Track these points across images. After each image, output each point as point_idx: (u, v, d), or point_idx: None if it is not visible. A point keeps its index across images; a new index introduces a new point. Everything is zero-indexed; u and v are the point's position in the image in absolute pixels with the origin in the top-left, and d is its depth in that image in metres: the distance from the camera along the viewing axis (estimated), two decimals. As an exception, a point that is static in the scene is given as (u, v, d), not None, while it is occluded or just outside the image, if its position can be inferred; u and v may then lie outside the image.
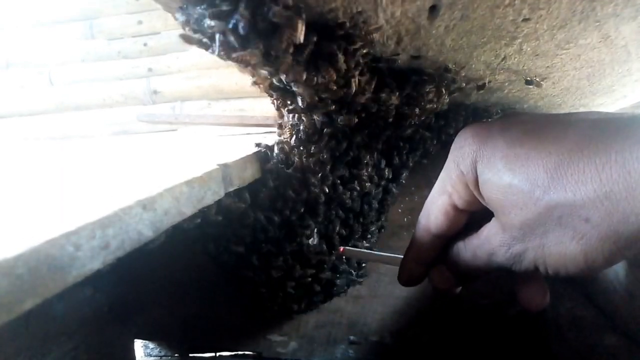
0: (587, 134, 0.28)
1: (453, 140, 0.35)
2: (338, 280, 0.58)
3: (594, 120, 0.29)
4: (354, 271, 0.60)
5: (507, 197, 0.30)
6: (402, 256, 0.42)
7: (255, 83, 0.42)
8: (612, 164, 0.25)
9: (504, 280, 0.55)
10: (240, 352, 0.59)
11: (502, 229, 0.31)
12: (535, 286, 0.36)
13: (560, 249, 0.28)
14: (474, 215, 0.36)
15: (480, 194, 0.33)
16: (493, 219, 0.33)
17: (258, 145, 0.46)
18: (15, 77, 0.94)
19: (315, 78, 0.34)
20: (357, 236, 0.58)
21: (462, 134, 0.34)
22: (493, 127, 0.33)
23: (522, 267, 0.31)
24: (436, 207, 0.37)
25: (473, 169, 0.33)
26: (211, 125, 0.73)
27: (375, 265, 0.62)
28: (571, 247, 0.27)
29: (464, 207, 0.35)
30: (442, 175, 0.37)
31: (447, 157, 0.35)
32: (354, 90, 0.38)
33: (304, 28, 0.29)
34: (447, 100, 0.47)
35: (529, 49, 0.39)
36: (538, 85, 0.48)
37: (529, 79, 0.47)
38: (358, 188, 0.54)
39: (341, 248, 0.49)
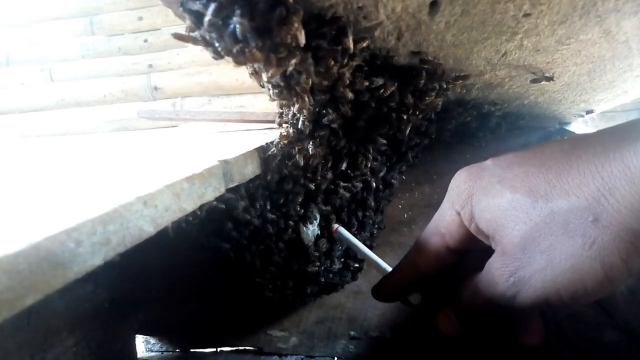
0: (582, 143, 0.28)
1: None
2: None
3: (587, 133, 0.29)
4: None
5: (509, 213, 0.29)
6: (386, 266, 0.43)
7: (254, 73, 0.42)
8: (611, 161, 0.25)
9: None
10: (241, 347, 0.59)
11: (502, 253, 0.30)
12: (533, 322, 0.35)
13: (573, 262, 0.26)
14: (473, 258, 0.35)
15: (477, 227, 0.32)
16: (494, 252, 0.31)
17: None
18: (15, 73, 0.94)
19: (316, 73, 0.34)
20: (355, 230, 0.58)
21: (457, 176, 0.35)
22: (485, 162, 0.33)
23: (528, 297, 0.28)
24: (428, 247, 0.37)
25: (469, 203, 0.32)
26: (212, 121, 0.73)
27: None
28: (584, 256, 0.25)
29: (456, 247, 0.35)
30: (436, 216, 0.37)
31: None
32: (349, 85, 0.38)
33: (301, 25, 0.29)
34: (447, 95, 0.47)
35: (529, 44, 0.39)
36: (549, 79, 0.46)
37: (535, 77, 0.46)
38: (358, 183, 0.54)
39: (335, 226, 0.48)
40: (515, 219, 0.28)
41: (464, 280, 0.35)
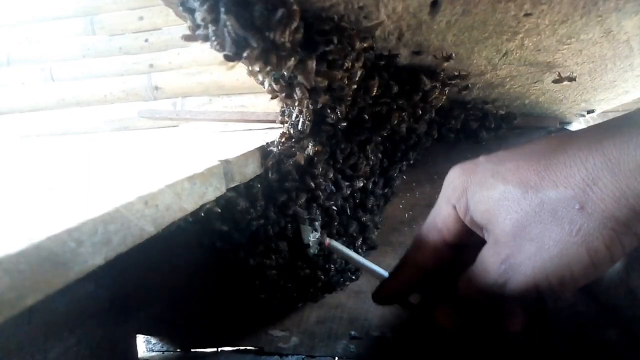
0: (568, 139, 0.30)
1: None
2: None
3: (573, 130, 0.31)
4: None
5: (501, 203, 0.30)
6: (382, 272, 0.43)
7: (251, 73, 0.42)
8: (593, 153, 0.27)
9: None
10: (241, 347, 0.59)
11: (494, 242, 0.31)
12: (517, 312, 0.35)
13: (560, 248, 0.28)
14: (470, 254, 0.35)
15: (471, 219, 0.33)
16: (487, 242, 0.33)
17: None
18: (16, 73, 0.94)
19: (316, 73, 0.34)
20: (355, 230, 0.58)
21: (451, 172, 0.36)
22: (478, 159, 0.35)
23: (518, 284, 0.30)
24: (426, 244, 0.38)
25: (464, 197, 0.34)
26: (212, 121, 0.73)
27: (376, 260, 0.62)
28: (571, 242, 0.27)
29: (453, 241, 0.36)
30: (432, 213, 0.38)
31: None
32: (350, 84, 0.38)
33: (300, 26, 0.29)
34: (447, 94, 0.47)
35: (530, 44, 0.39)
36: (570, 79, 0.46)
37: (557, 77, 0.46)
38: (358, 183, 0.54)
39: (327, 241, 0.49)
40: (507, 208, 0.30)
41: (461, 275, 0.35)
